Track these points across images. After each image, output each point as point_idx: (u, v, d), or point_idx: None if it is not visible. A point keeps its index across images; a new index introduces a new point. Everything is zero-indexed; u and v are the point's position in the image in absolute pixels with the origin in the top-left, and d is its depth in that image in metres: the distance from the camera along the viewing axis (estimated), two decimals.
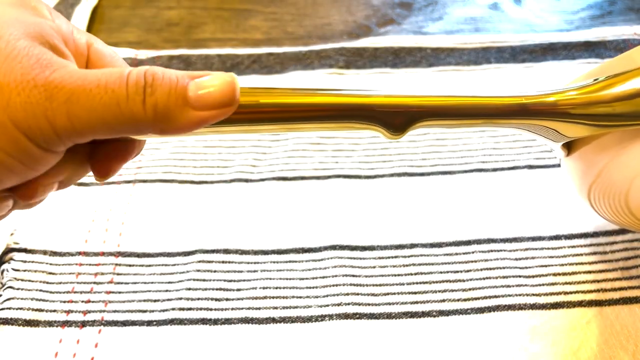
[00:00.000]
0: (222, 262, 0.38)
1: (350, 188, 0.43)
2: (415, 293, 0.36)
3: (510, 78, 0.51)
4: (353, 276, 0.37)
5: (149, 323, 0.35)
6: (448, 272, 0.37)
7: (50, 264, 0.38)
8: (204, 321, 0.35)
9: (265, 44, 0.55)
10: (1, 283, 0.37)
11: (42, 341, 0.34)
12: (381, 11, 0.60)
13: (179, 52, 0.54)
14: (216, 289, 0.37)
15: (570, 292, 0.36)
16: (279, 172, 0.44)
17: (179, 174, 0.44)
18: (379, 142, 0.46)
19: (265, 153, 0.45)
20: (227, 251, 0.39)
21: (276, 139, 0.46)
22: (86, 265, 0.38)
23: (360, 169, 0.44)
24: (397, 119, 0.28)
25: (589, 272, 0.37)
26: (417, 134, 0.46)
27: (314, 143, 0.46)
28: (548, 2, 0.60)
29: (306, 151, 0.45)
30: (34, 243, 0.39)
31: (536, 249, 0.39)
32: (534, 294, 0.36)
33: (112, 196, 0.42)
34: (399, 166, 0.44)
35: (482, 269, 0.37)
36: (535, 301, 0.36)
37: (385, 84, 0.51)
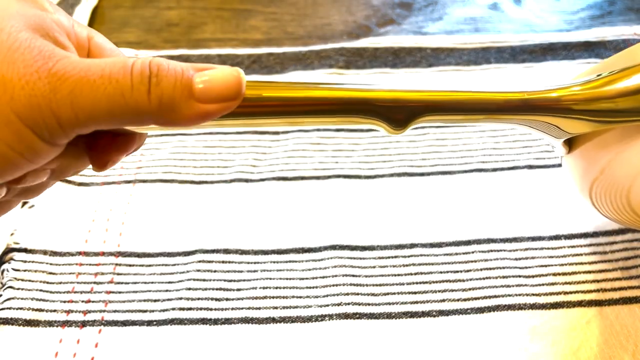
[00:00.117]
0: (222, 262, 0.38)
1: (350, 188, 0.43)
2: (415, 293, 0.36)
3: (510, 78, 0.51)
4: (353, 276, 0.37)
5: (149, 323, 0.35)
6: (448, 272, 0.37)
7: (51, 264, 0.38)
8: (204, 321, 0.35)
9: (265, 44, 0.55)
10: (1, 283, 0.37)
11: (42, 341, 0.34)
12: (381, 11, 0.60)
13: (179, 52, 0.54)
14: (216, 289, 0.37)
15: (570, 292, 0.36)
16: (279, 172, 0.44)
17: (179, 174, 0.44)
18: (379, 142, 0.46)
19: (265, 153, 0.45)
20: (227, 251, 0.39)
21: (276, 139, 0.46)
22: (86, 265, 0.38)
23: (360, 169, 0.44)
24: (398, 113, 0.28)
25: (589, 272, 0.37)
26: (417, 134, 0.46)
27: (314, 143, 0.46)
28: (548, 2, 0.60)
29: (306, 151, 0.45)
30: (34, 243, 0.39)
31: (536, 249, 0.39)
32: (533, 294, 0.36)
33: (112, 196, 0.42)
34: (399, 166, 0.44)
35: (482, 269, 0.37)
36: (535, 301, 0.36)
37: (385, 82, 0.51)
